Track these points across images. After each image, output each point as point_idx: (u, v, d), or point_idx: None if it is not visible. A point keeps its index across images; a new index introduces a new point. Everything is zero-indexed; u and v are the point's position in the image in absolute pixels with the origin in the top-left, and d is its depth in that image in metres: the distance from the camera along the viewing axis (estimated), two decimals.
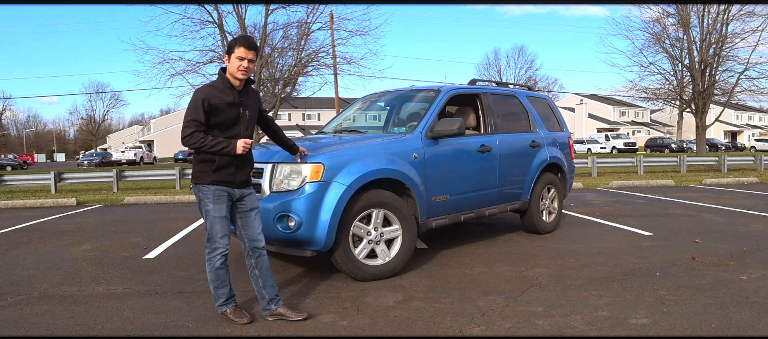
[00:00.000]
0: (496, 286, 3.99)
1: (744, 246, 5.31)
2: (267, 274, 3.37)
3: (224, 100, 3.18)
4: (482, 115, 5.50)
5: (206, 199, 3.23)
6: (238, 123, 3.25)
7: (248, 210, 3.35)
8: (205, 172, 3.22)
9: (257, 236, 3.36)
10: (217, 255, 3.26)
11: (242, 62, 3.17)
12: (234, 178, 3.25)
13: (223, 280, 3.31)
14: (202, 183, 3.24)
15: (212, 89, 3.21)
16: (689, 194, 10.69)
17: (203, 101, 3.13)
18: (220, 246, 3.26)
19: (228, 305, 3.34)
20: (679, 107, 23.26)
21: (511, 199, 5.68)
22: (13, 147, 73.94)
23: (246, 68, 3.19)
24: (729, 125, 63.92)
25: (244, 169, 3.30)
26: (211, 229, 3.25)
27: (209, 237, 3.27)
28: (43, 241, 6.38)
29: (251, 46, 3.20)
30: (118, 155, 41.26)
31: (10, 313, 3.57)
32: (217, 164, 3.18)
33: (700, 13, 20.35)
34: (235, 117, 3.22)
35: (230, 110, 3.20)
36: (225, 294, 3.33)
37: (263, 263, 3.37)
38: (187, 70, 16.24)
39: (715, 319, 3.21)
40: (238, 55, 3.17)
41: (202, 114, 3.12)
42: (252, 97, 3.39)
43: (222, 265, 3.29)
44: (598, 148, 41.52)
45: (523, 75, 51.26)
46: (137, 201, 11.07)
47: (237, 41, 3.20)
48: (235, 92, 3.24)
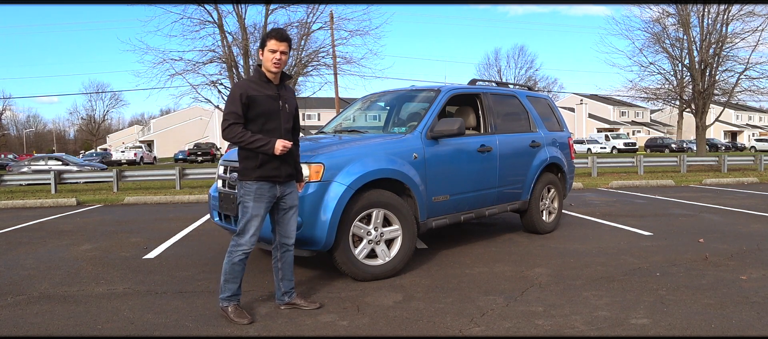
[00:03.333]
0: (496, 286, 3.99)
1: (744, 246, 5.31)
2: (288, 269, 3.50)
3: (262, 91, 3.23)
4: (482, 115, 5.50)
5: (247, 195, 3.26)
6: (278, 116, 3.27)
7: (287, 208, 3.42)
8: (250, 168, 3.25)
9: (290, 234, 3.46)
10: (240, 252, 3.30)
11: (275, 55, 3.21)
12: (278, 172, 3.28)
13: (235, 275, 3.34)
14: (246, 179, 3.27)
15: (250, 82, 3.26)
16: (689, 194, 10.69)
17: (241, 94, 3.16)
18: (246, 245, 3.29)
19: (231, 302, 3.35)
20: (679, 107, 23.25)
21: (511, 199, 5.68)
22: (13, 147, 73.91)
23: (278, 60, 3.22)
24: (729, 125, 63.92)
25: (287, 162, 3.33)
26: (246, 225, 3.28)
27: (240, 232, 3.30)
28: (43, 241, 6.38)
29: (282, 38, 3.23)
30: (118, 155, 41.24)
31: (10, 313, 3.57)
32: (260, 159, 3.21)
33: (700, 13, 20.35)
34: (274, 109, 3.25)
35: (269, 102, 3.23)
36: (231, 290, 3.35)
37: (288, 258, 3.50)
38: (187, 70, 16.23)
39: (715, 319, 3.21)
40: (271, 48, 3.21)
41: (240, 106, 3.15)
42: (289, 92, 3.43)
43: (240, 262, 3.33)
44: (598, 148, 41.51)
45: (523, 75, 51.31)
46: (137, 201, 11.07)
47: (268, 34, 3.25)
48: (272, 85, 3.29)
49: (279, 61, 3.22)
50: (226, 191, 4.41)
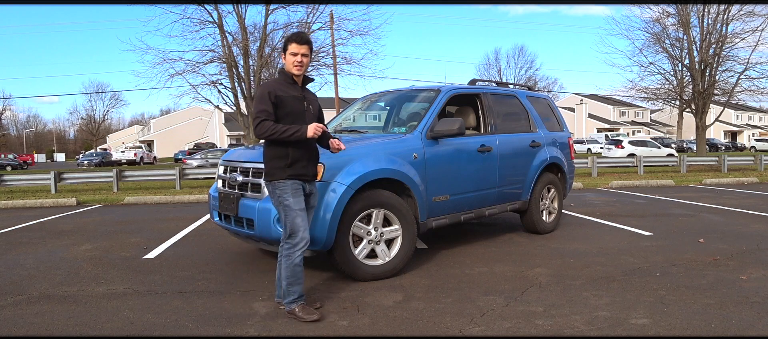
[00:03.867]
0: (496, 286, 3.99)
1: (744, 246, 5.31)
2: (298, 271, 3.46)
3: (289, 92, 3.30)
4: (482, 115, 5.50)
5: (285, 195, 3.29)
6: (304, 116, 3.33)
7: (311, 207, 3.48)
8: (280, 168, 3.29)
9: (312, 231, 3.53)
10: (298, 251, 3.31)
11: (296, 57, 3.27)
12: (307, 170, 3.34)
13: (298, 277, 3.34)
14: (278, 179, 3.29)
15: (276, 83, 3.34)
16: (689, 194, 10.69)
17: (269, 93, 3.24)
18: (302, 241, 3.30)
19: (297, 303, 3.35)
20: (679, 107, 23.24)
21: (511, 199, 5.68)
22: (13, 147, 73.91)
23: (300, 62, 3.29)
24: (729, 125, 63.92)
25: (312, 162, 3.38)
26: (293, 223, 3.28)
27: (291, 233, 3.30)
28: (43, 241, 6.38)
29: (302, 41, 3.29)
30: (118, 155, 41.25)
31: (10, 313, 3.57)
32: (291, 158, 3.26)
33: (700, 13, 20.33)
34: (300, 110, 3.32)
35: (295, 103, 3.31)
36: (297, 292, 3.35)
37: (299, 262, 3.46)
38: (187, 70, 16.20)
39: (715, 319, 3.21)
40: (292, 52, 3.28)
41: (270, 105, 3.22)
42: (311, 94, 3.50)
43: (301, 262, 3.34)
44: (598, 148, 41.49)
45: (523, 75, 51.30)
46: (137, 201, 11.07)
47: (289, 38, 3.31)
48: (297, 87, 3.37)
49: (300, 63, 3.29)
50: (226, 191, 4.41)
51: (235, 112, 17.30)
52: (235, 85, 16.55)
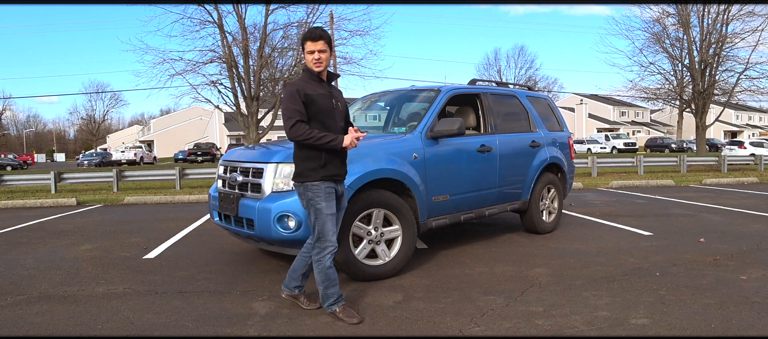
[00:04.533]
0: (496, 286, 3.99)
1: (744, 246, 5.31)
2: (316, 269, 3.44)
3: (317, 90, 3.24)
4: (482, 115, 5.50)
5: (317, 198, 3.23)
6: (334, 114, 3.28)
7: (341, 209, 3.44)
8: (313, 169, 3.23)
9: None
10: (328, 254, 3.27)
11: (313, 55, 3.21)
12: (340, 171, 3.31)
13: (332, 279, 3.32)
14: (311, 180, 3.23)
15: (303, 82, 3.27)
16: (689, 194, 10.69)
17: (298, 91, 3.18)
18: (331, 244, 3.27)
19: (337, 304, 3.34)
20: (679, 107, 23.24)
21: (511, 199, 5.68)
22: (13, 147, 73.89)
23: (318, 59, 3.21)
24: (729, 125, 63.91)
25: (344, 161, 3.35)
26: (323, 227, 3.24)
27: (319, 236, 3.26)
28: (43, 241, 6.38)
29: (316, 37, 3.20)
30: (118, 155, 41.23)
31: (10, 313, 3.57)
32: (324, 159, 3.21)
33: (700, 13, 20.34)
34: (330, 107, 3.26)
35: (324, 100, 3.24)
36: (335, 293, 3.34)
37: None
38: (187, 70, 16.18)
39: (715, 319, 3.21)
40: (308, 50, 3.22)
41: (300, 104, 3.16)
42: (338, 91, 3.45)
43: (332, 264, 3.31)
44: (598, 148, 41.50)
45: (523, 75, 51.28)
46: (137, 201, 11.07)
47: (303, 37, 3.26)
48: (324, 84, 3.31)
49: (318, 59, 3.21)
50: (226, 191, 4.41)
51: (235, 112, 17.28)
52: (235, 85, 16.54)
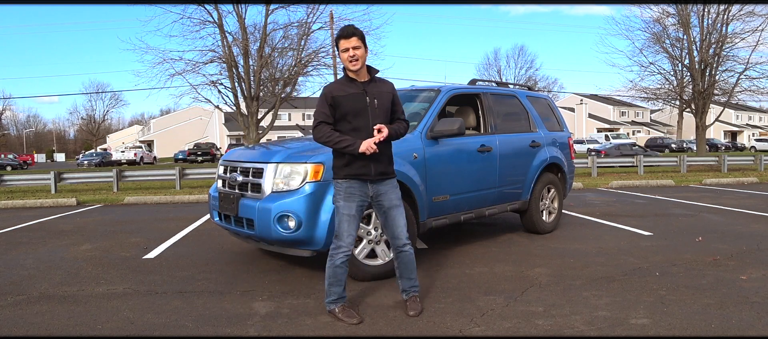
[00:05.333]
0: (496, 286, 3.99)
1: (744, 246, 5.31)
2: (404, 268, 3.40)
3: (346, 91, 3.23)
4: (482, 115, 5.50)
5: (338, 195, 3.27)
6: (366, 113, 3.22)
7: (387, 208, 3.31)
8: (338, 167, 3.27)
9: (397, 234, 3.33)
10: (341, 254, 3.25)
11: (347, 52, 3.18)
12: (367, 170, 3.21)
13: (339, 278, 3.30)
14: (336, 178, 3.29)
15: (335, 84, 3.32)
16: (689, 194, 10.69)
17: (326, 95, 3.24)
18: (345, 245, 3.25)
19: (337, 304, 3.34)
20: (679, 107, 23.25)
21: (511, 199, 5.68)
22: (13, 147, 73.87)
23: (351, 56, 3.17)
24: (729, 125, 63.90)
25: (378, 160, 3.22)
26: (339, 226, 3.25)
27: (336, 234, 3.28)
28: (43, 241, 6.38)
29: (348, 35, 3.18)
30: (118, 155, 41.23)
31: (10, 313, 3.57)
32: (348, 158, 3.21)
33: (700, 13, 20.35)
34: (361, 107, 3.22)
35: (354, 100, 3.21)
36: (337, 293, 3.33)
37: (403, 258, 3.39)
38: (187, 70, 16.19)
39: (715, 319, 3.21)
40: (342, 48, 3.20)
41: (327, 107, 3.22)
42: (381, 87, 3.33)
43: (342, 264, 3.28)
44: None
45: (523, 75, 51.29)
46: (137, 201, 11.07)
47: (336, 37, 3.25)
48: (357, 84, 3.26)
49: (353, 57, 3.17)
50: (226, 191, 4.41)
51: (235, 112, 17.29)
52: (235, 85, 16.55)
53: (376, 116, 3.23)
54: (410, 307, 3.38)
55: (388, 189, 3.30)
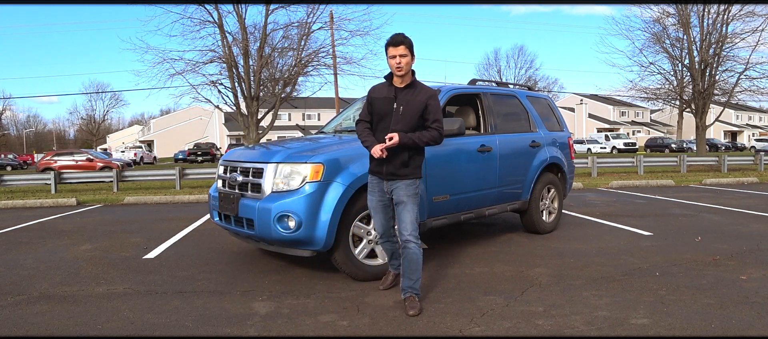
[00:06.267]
0: (496, 286, 3.99)
1: (744, 246, 5.31)
2: (406, 266, 3.46)
3: (380, 94, 3.53)
4: (482, 115, 5.50)
5: (368, 189, 3.66)
6: (389, 117, 3.45)
7: (396, 204, 3.52)
8: (369, 163, 3.62)
9: (401, 229, 3.46)
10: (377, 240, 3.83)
11: (394, 60, 3.38)
12: (379, 169, 3.51)
13: (392, 252, 3.79)
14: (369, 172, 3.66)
15: (378, 85, 3.62)
16: (689, 194, 10.69)
17: (368, 95, 3.62)
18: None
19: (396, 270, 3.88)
20: (679, 107, 23.22)
21: (511, 199, 5.68)
22: (13, 147, 73.84)
23: (397, 63, 3.37)
24: (729, 125, 63.91)
25: (389, 162, 3.44)
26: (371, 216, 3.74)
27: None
28: (43, 241, 6.38)
29: (396, 43, 3.37)
30: (118, 155, 41.21)
31: (10, 313, 3.57)
32: (371, 156, 3.49)
33: (700, 13, 20.32)
34: (387, 111, 3.46)
35: (383, 104, 3.48)
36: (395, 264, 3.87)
37: (406, 255, 3.44)
38: (187, 70, 16.16)
39: (715, 319, 3.21)
40: (390, 55, 3.40)
41: (367, 107, 3.60)
42: (414, 94, 3.45)
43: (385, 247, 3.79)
44: (598, 148, 41.51)
45: (523, 75, 51.24)
46: (137, 201, 11.07)
47: (386, 44, 3.43)
48: (393, 88, 3.48)
49: (398, 64, 3.37)
50: (226, 191, 4.41)
51: (235, 112, 17.28)
52: (235, 85, 16.53)
53: (397, 122, 3.42)
54: (409, 307, 3.41)
55: (399, 186, 3.47)
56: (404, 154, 3.43)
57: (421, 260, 3.47)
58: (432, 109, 3.45)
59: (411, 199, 3.44)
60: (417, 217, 3.47)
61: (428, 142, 3.46)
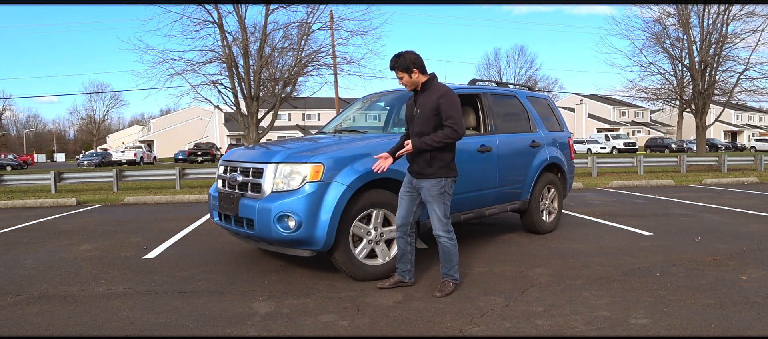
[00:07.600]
0: (496, 286, 3.99)
1: (744, 246, 5.31)
2: (441, 255, 3.84)
3: (409, 101, 3.91)
4: (482, 115, 5.50)
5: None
6: (412, 120, 3.79)
7: (424, 201, 3.79)
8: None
9: (433, 226, 3.77)
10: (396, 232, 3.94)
11: (401, 80, 3.75)
12: (411, 167, 3.81)
13: (403, 252, 3.93)
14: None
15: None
16: (689, 194, 10.69)
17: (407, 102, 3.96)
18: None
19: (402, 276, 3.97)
20: (679, 107, 23.21)
21: (511, 199, 5.68)
22: (13, 147, 73.84)
23: (402, 83, 3.76)
24: (729, 125, 63.90)
25: (414, 162, 3.75)
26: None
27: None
28: (43, 241, 6.38)
29: (391, 68, 3.73)
30: (118, 155, 41.22)
31: (10, 313, 3.57)
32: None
33: (701, 13, 20.31)
34: (410, 115, 3.83)
35: (409, 109, 3.88)
36: (401, 268, 3.97)
37: (439, 247, 3.82)
38: (186, 70, 16.15)
39: (715, 319, 3.21)
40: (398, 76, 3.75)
41: (405, 112, 3.98)
42: (428, 96, 3.70)
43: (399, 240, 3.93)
44: (598, 148, 41.51)
45: (523, 75, 51.20)
46: (137, 201, 11.07)
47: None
48: (415, 94, 3.82)
49: (402, 82, 3.75)
50: (226, 191, 4.41)
51: (235, 112, 17.27)
52: (235, 85, 16.53)
53: (417, 124, 3.72)
54: (437, 289, 3.81)
55: (424, 186, 3.72)
56: (425, 155, 3.66)
57: (453, 251, 3.79)
58: (444, 107, 3.60)
59: (435, 200, 3.69)
60: (446, 212, 3.74)
61: (442, 140, 3.58)
